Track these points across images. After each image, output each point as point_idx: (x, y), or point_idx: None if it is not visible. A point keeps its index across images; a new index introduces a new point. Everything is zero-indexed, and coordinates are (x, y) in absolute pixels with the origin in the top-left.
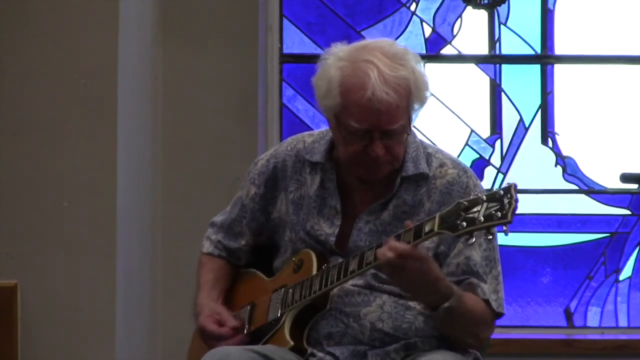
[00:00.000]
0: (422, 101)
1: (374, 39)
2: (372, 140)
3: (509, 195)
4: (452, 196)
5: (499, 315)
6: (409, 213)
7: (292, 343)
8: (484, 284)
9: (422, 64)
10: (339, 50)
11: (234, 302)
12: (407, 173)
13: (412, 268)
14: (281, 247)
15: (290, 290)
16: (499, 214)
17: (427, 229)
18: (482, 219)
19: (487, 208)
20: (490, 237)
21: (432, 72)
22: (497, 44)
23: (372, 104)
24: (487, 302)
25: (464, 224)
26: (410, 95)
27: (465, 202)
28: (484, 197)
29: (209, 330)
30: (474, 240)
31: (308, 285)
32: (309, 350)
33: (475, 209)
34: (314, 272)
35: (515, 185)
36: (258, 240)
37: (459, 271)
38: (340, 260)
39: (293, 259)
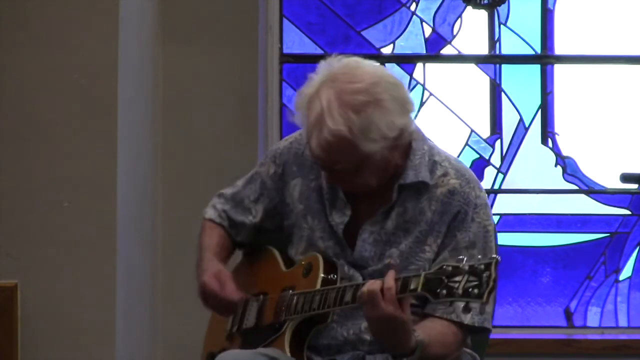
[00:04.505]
0: (375, 149)
1: (357, 67)
2: (324, 169)
3: (487, 273)
4: (453, 205)
5: (485, 330)
6: (410, 222)
7: (289, 355)
8: (459, 303)
9: (395, 108)
10: (323, 67)
11: (249, 282)
12: (405, 181)
13: (384, 312)
14: (295, 235)
15: (295, 298)
16: (476, 291)
17: (412, 286)
18: (460, 292)
19: (467, 281)
20: (469, 313)
21: (432, 72)
22: (497, 44)
23: (312, 148)
24: (459, 323)
25: (444, 292)
26: (351, 145)
27: (449, 268)
28: (466, 267)
29: (209, 289)
30: (452, 308)
31: (309, 299)
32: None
33: (456, 279)
34: (319, 283)
35: (497, 262)
36: (267, 223)
37: (434, 302)
38: (346, 269)
39: (302, 262)
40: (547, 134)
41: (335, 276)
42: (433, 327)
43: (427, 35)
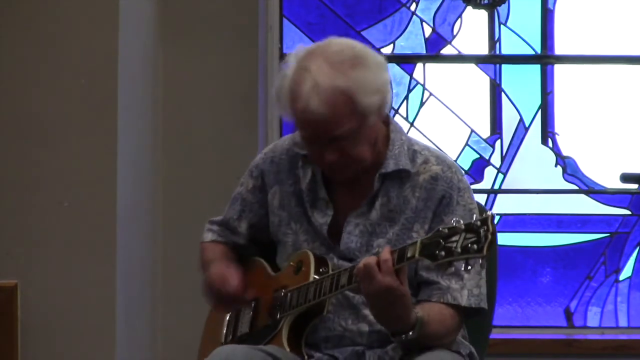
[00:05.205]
0: (372, 106)
1: (334, 40)
2: (322, 146)
3: (485, 228)
4: (437, 191)
5: (481, 310)
6: (395, 211)
7: (288, 350)
8: (455, 284)
9: (380, 69)
10: (296, 53)
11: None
12: (386, 170)
13: (381, 284)
14: (280, 243)
15: (289, 295)
16: (475, 246)
17: (409, 254)
18: (459, 250)
19: (465, 239)
20: (470, 268)
21: (432, 72)
22: (497, 44)
23: (307, 115)
24: (456, 306)
25: (443, 253)
26: (351, 102)
27: (445, 230)
28: (463, 226)
29: (211, 281)
30: (452, 269)
31: (304, 292)
32: (306, 357)
33: (454, 239)
34: (311, 276)
35: (493, 216)
36: (257, 237)
37: (434, 265)
38: (334, 259)
39: (292, 262)
40: (547, 134)
41: (327, 269)
42: (431, 307)
43: (427, 35)
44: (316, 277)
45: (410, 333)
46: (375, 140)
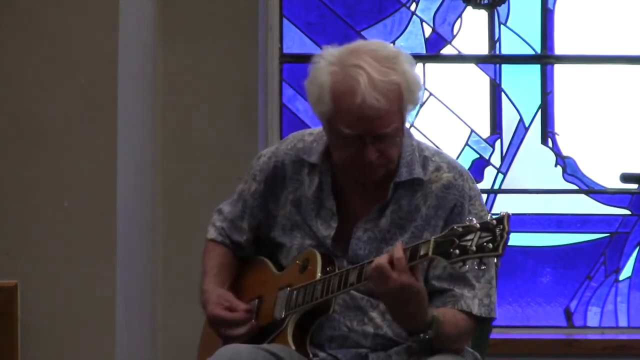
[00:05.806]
0: (415, 102)
1: (366, 41)
2: (365, 145)
3: (501, 227)
4: (448, 200)
5: (492, 319)
6: (406, 219)
7: (293, 348)
8: (468, 293)
9: (414, 65)
10: (330, 54)
11: (243, 291)
12: (400, 179)
13: (396, 283)
14: (284, 246)
15: (295, 292)
16: (491, 245)
17: (422, 252)
18: (474, 248)
19: (480, 237)
20: (484, 267)
21: (432, 72)
22: (497, 44)
23: (363, 110)
24: (469, 313)
25: (457, 251)
26: (401, 98)
27: (459, 229)
28: (478, 225)
29: (219, 316)
30: (466, 267)
31: (311, 290)
32: (311, 355)
33: (468, 237)
34: (318, 275)
35: (509, 216)
36: (258, 235)
37: (445, 274)
38: (344, 262)
39: (297, 261)
40: (547, 134)
41: (333, 268)
42: (446, 310)
43: (427, 35)
44: (322, 268)
45: (429, 332)
46: (400, 144)
